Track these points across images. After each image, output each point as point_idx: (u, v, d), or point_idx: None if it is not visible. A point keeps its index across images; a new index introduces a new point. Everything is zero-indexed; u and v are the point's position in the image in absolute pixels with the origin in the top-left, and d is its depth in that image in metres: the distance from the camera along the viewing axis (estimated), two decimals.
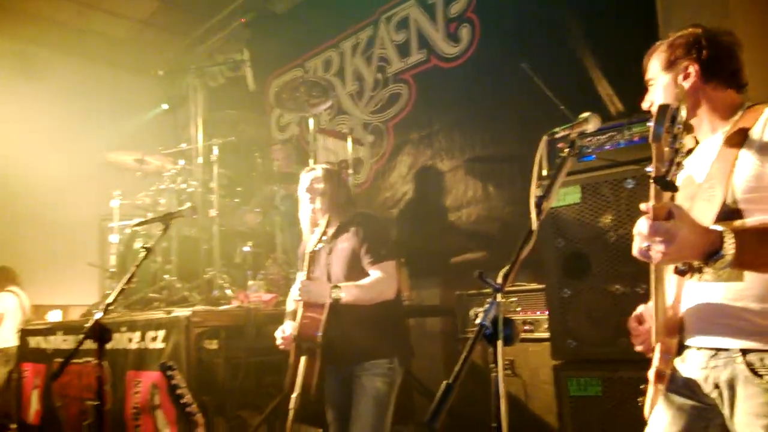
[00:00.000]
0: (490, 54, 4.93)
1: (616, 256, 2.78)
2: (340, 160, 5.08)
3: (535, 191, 1.66)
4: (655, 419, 1.74)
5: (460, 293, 3.74)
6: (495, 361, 1.32)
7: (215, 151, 4.61)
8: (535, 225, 1.57)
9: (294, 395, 2.68)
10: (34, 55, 7.96)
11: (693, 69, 1.70)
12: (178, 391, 2.26)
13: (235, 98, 6.80)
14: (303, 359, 2.71)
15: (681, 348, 1.70)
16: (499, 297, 1.35)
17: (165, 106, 7.03)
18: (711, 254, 1.33)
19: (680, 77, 1.71)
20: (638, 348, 1.84)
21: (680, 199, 1.63)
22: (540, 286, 3.34)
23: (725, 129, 1.65)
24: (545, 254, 3.01)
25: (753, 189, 1.51)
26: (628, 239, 1.59)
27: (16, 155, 7.43)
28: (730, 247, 1.33)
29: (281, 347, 2.90)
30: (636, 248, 1.39)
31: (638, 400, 1.87)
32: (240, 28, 7.20)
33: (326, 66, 6.45)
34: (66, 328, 4.64)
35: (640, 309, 1.86)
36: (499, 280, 1.42)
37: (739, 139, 1.56)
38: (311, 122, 4.64)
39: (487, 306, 1.34)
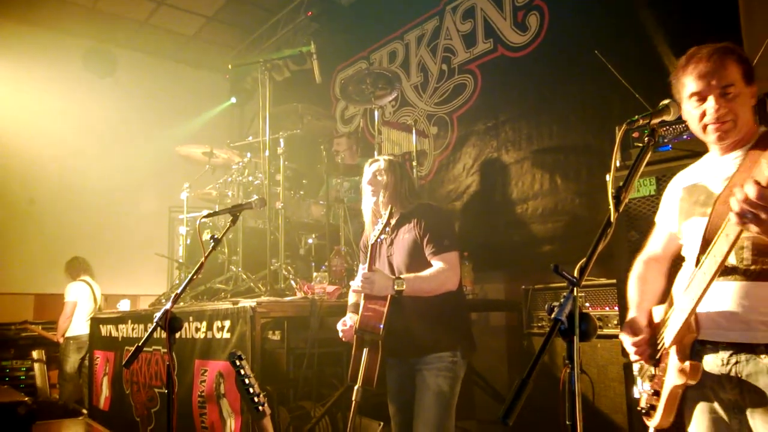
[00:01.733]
0: (560, 42, 4.80)
1: None
2: (404, 152, 5.03)
3: (613, 182, 1.56)
4: (694, 427, 1.82)
5: (526, 287, 3.64)
6: (569, 357, 1.24)
7: (281, 143, 4.65)
8: (613, 217, 1.48)
9: (356, 387, 2.66)
10: (106, 52, 8.30)
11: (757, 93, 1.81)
12: (247, 381, 2.28)
13: (300, 91, 6.88)
14: (365, 351, 2.68)
15: (694, 348, 1.77)
16: (575, 291, 1.27)
17: (233, 100, 7.18)
18: None
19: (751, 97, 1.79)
20: (634, 358, 1.91)
21: (691, 203, 1.86)
22: (610, 281, 3.22)
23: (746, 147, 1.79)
24: (617, 248, 2.88)
25: None
26: None
27: (88, 149, 7.82)
28: None
29: (343, 339, 2.88)
30: (735, 212, 1.44)
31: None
32: (306, 22, 7.27)
33: (391, 58, 6.42)
34: (135, 317, 4.78)
35: (629, 320, 1.94)
36: (576, 273, 1.34)
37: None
38: (376, 114, 4.61)
39: (562, 300, 1.26)
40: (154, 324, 2.43)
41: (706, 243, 1.69)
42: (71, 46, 8.04)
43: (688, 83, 1.81)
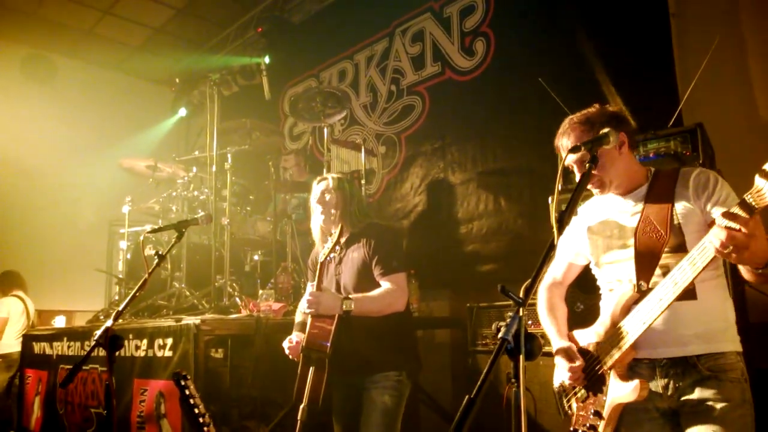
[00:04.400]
0: (505, 68, 4.95)
1: None
2: (353, 170, 5.07)
3: (556, 206, 1.65)
4: None
5: (471, 305, 3.69)
6: (516, 376, 1.29)
7: (229, 158, 4.60)
8: (557, 240, 1.55)
9: (302, 406, 2.64)
10: (47, 60, 8.02)
11: (625, 139, 2.06)
12: (192, 401, 2.23)
13: (249, 107, 6.83)
14: (311, 370, 2.67)
15: (630, 366, 1.92)
16: (521, 311, 1.32)
17: (183, 112, 7.03)
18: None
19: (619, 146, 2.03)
20: (569, 382, 2.05)
21: (606, 237, 2.05)
22: None
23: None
24: None
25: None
26: None
27: (25, 159, 7.47)
28: None
29: (289, 356, 2.86)
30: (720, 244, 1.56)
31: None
32: (256, 37, 7.24)
33: (341, 77, 6.47)
34: (71, 334, 4.60)
35: (563, 345, 2.08)
36: (521, 294, 1.39)
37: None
38: (326, 132, 4.64)
39: (509, 320, 1.31)
40: (94, 342, 2.36)
41: (641, 270, 1.88)
42: (9, 52, 7.74)
43: (561, 156, 2.08)
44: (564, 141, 2.04)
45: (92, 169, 7.53)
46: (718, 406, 1.78)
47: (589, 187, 2.00)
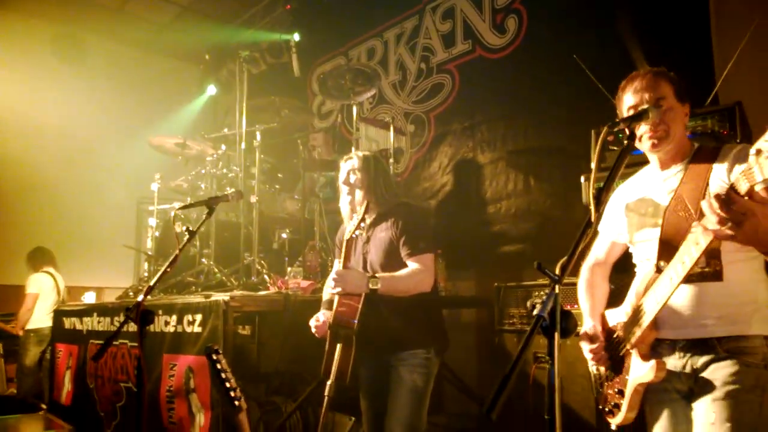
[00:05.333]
0: (537, 46, 4.85)
1: None
2: (381, 149, 5.04)
3: (593, 183, 1.61)
4: (654, 416, 1.97)
5: (498, 285, 3.66)
6: (550, 354, 1.27)
7: (258, 136, 4.60)
8: (593, 217, 1.52)
9: (329, 382, 2.65)
10: (75, 38, 8.08)
11: (689, 113, 2.02)
12: (224, 376, 2.25)
13: (277, 85, 6.82)
14: (338, 346, 2.67)
15: (653, 346, 1.92)
16: (557, 289, 1.30)
17: (212, 89, 7.04)
18: None
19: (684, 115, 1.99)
20: (592, 364, 2.08)
21: (640, 216, 2.01)
22: None
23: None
24: (588, 247, 2.92)
25: None
26: None
27: (55, 137, 7.58)
28: None
29: (316, 335, 2.87)
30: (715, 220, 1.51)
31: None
32: (284, 15, 7.20)
33: (370, 55, 6.41)
34: (101, 309, 4.67)
35: (588, 327, 2.10)
36: (557, 271, 1.36)
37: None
38: (354, 110, 4.61)
39: (545, 297, 1.29)
40: (125, 316, 2.39)
41: (663, 250, 1.84)
42: (39, 31, 7.82)
43: (626, 99, 2.02)
44: (637, 86, 1.99)
45: (121, 147, 7.63)
46: (727, 387, 1.75)
47: (646, 143, 1.95)
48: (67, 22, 7.97)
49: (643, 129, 1.92)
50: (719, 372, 1.78)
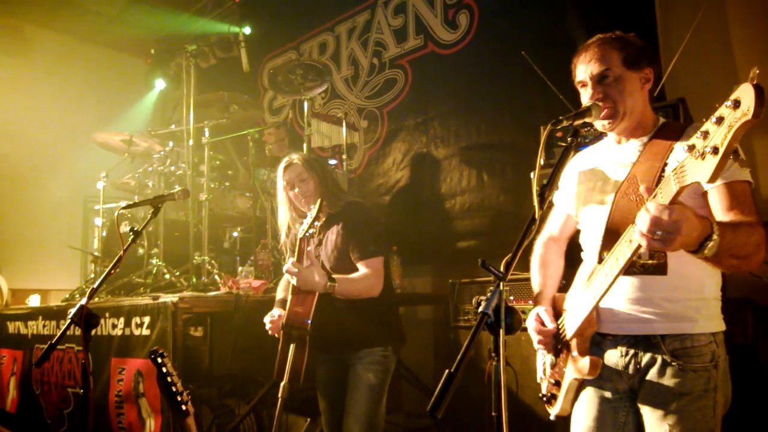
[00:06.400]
0: (488, 41, 4.87)
1: None
2: (334, 145, 4.99)
3: (538, 180, 1.59)
4: (580, 413, 1.89)
5: (453, 281, 3.67)
6: (496, 350, 1.26)
7: (206, 132, 4.50)
8: (537, 214, 1.51)
9: (282, 384, 2.61)
10: (19, 30, 7.73)
11: (651, 78, 1.85)
12: (169, 379, 2.18)
13: (227, 80, 6.67)
14: (292, 347, 2.64)
15: (594, 340, 1.84)
16: (501, 286, 1.29)
17: (161, 84, 6.85)
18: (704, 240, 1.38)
19: (640, 82, 1.83)
20: (538, 347, 1.96)
21: (588, 189, 1.89)
22: None
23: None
24: None
25: None
26: None
27: None
28: (716, 233, 1.38)
29: (270, 333, 2.82)
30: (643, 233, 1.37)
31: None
32: (234, 8, 7.06)
33: (321, 49, 6.34)
34: (46, 313, 4.53)
35: (538, 310, 1.97)
36: (502, 268, 1.35)
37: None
38: (305, 106, 4.54)
39: (489, 294, 1.28)
40: (69, 320, 2.31)
41: (608, 238, 1.72)
42: None
43: (577, 72, 1.89)
44: (583, 57, 1.85)
45: (66, 144, 7.34)
46: (676, 399, 1.67)
47: (597, 121, 1.82)
48: (8, 14, 7.63)
49: (586, 102, 1.81)
50: (668, 381, 1.69)
